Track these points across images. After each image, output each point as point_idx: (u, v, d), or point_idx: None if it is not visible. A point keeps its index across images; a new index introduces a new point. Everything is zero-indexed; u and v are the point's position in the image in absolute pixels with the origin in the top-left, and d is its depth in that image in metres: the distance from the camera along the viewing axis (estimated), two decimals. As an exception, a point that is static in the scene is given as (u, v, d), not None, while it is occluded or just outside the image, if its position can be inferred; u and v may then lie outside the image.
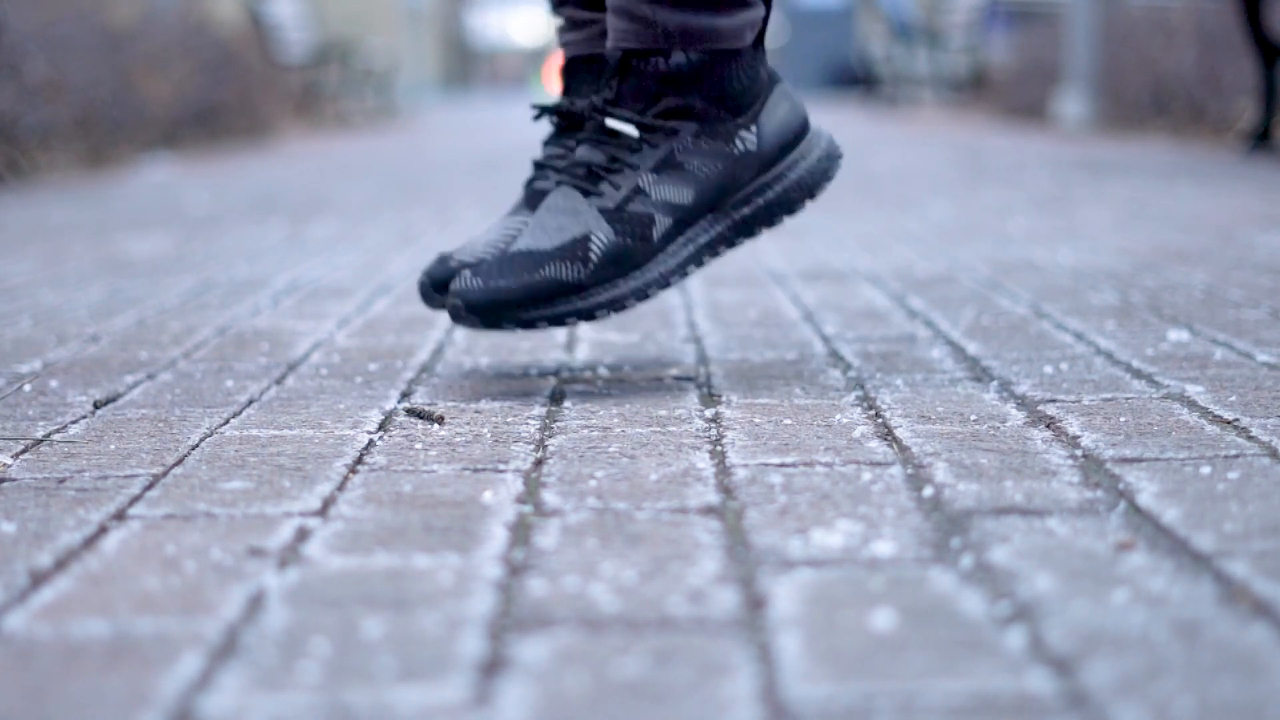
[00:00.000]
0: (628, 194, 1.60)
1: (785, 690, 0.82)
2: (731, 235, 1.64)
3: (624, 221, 1.60)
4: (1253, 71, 6.61)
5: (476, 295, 1.57)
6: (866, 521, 1.14)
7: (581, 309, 1.59)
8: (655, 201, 1.60)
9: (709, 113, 1.62)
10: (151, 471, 1.33)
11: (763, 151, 1.64)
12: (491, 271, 1.58)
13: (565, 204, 1.62)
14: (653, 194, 1.60)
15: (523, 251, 1.59)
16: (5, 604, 0.99)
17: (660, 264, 1.61)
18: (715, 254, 1.64)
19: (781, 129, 1.65)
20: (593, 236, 1.59)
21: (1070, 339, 1.95)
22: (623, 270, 1.60)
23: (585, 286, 1.58)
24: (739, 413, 1.54)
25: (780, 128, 1.65)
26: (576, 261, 1.58)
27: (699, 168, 1.61)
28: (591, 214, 1.60)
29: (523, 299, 1.57)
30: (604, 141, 1.63)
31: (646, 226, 1.60)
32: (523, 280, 1.57)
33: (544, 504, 1.21)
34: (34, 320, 2.31)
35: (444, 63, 33.26)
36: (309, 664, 0.87)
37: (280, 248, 3.40)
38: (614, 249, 1.59)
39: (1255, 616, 0.92)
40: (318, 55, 13.84)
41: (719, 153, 1.62)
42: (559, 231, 1.60)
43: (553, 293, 1.58)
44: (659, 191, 1.60)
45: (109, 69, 7.37)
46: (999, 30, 14.45)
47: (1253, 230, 3.36)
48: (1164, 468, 1.27)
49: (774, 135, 1.65)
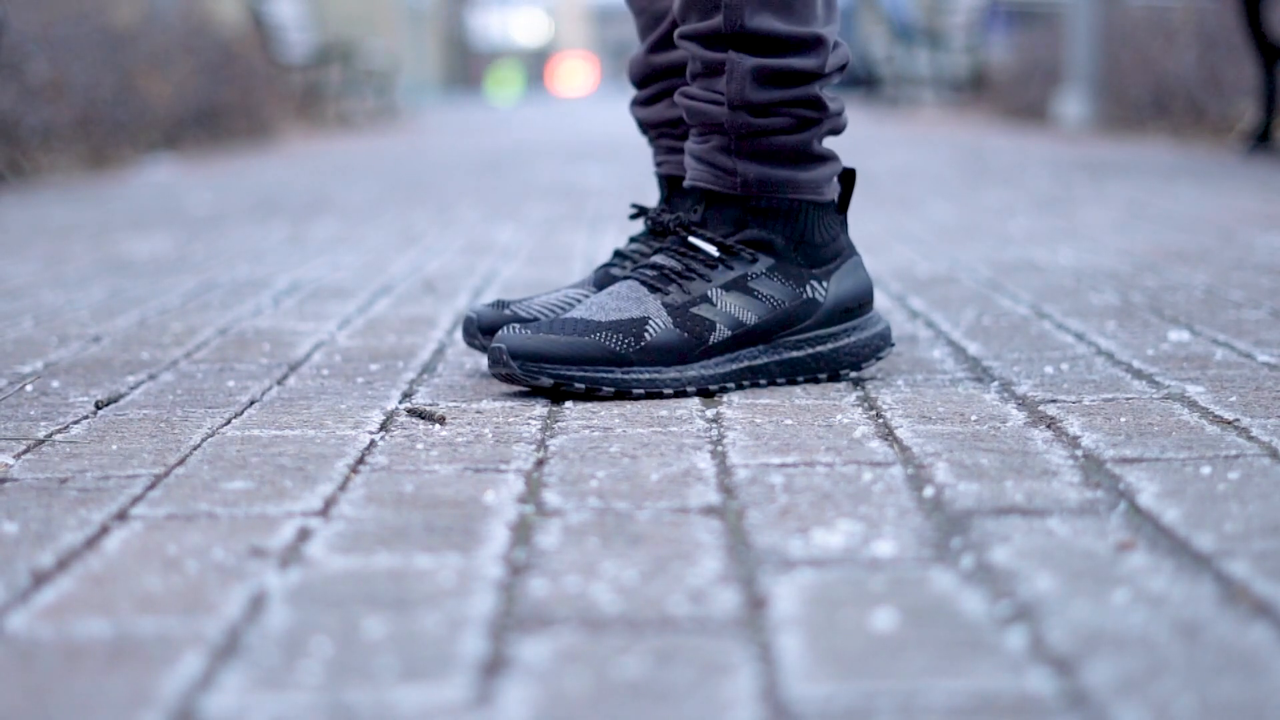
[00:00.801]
0: (695, 299, 1.66)
1: (786, 690, 0.83)
2: (774, 370, 1.68)
3: (685, 319, 1.64)
4: (1253, 72, 6.61)
5: (522, 343, 1.60)
6: (867, 521, 1.14)
7: (619, 380, 1.61)
8: (719, 312, 1.65)
9: (787, 253, 1.68)
10: (153, 471, 1.33)
11: (827, 307, 1.70)
12: (542, 327, 1.62)
13: (629, 292, 1.67)
14: (719, 305, 1.66)
15: (576, 318, 1.63)
16: (7, 604, 0.99)
17: (704, 367, 1.64)
18: (754, 381, 1.67)
19: (849, 295, 1.71)
20: (651, 320, 1.64)
21: (1071, 339, 1.95)
22: (668, 360, 1.63)
23: (630, 362, 1.61)
24: (740, 413, 1.54)
25: (848, 293, 1.71)
26: (629, 337, 1.62)
27: (767, 297, 1.67)
28: (655, 305, 1.65)
29: (566, 356, 1.60)
30: (683, 254, 1.69)
31: (705, 330, 1.64)
32: (572, 340, 1.61)
33: (545, 504, 1.21)
34: (36, 321, 2.31)
35: (445, 63, 33.26)
36: (310, 664, 0.87)
37: (282, 248, 3.40)
38: (667, 338, 1.63)
39: (1255, 616, 0.92)
40: (319, 56, 13.84)
41: (788, 292, 1.68)
42: (618, 311, 1.64)
43: (597, 359, 1.61)
44: (725, 305, 1.66)
45: (110, 69, 7.38)
46: (999, 31, 14.45)
47: (1253, 230, 3.36)
48: (1164, 468, 1.28)
49: (841, 297, 1.71)
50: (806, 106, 1.66)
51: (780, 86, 1.64)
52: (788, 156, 1.67)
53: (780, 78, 1.64)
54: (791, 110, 1.65)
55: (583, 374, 1.60)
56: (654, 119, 1.86)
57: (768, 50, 1.63)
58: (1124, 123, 8.97)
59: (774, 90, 1.64)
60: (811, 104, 1.66)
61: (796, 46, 1.64)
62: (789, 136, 1.66)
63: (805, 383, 1.69)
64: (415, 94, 22.40)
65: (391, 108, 15.52)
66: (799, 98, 1.65)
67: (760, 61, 1.63)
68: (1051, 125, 10.02)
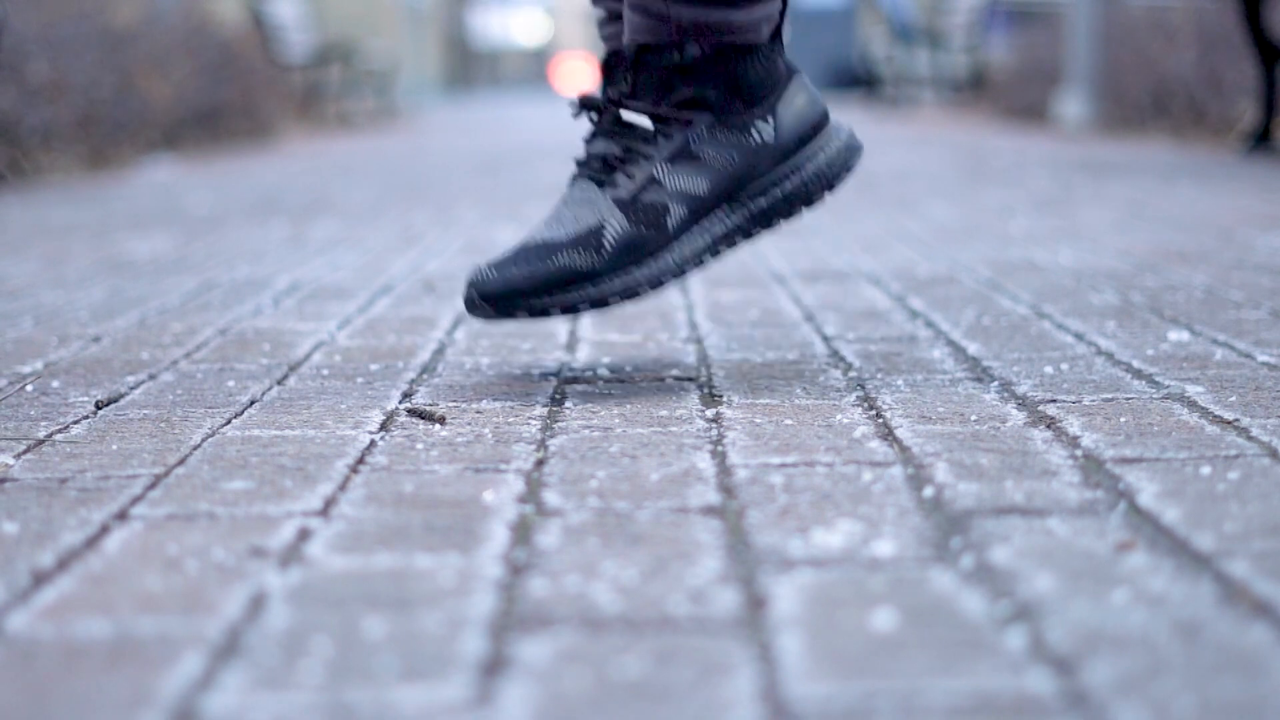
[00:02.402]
0: (642, 184, 1.61)
1: (786, 690, 0.83)
2: (748, 226, 1.64)
3: (638, 210, 1.60)
4: (1253, 72, 6.61)
5: (490, 284, 1.58)
6: (867, 521, 1.14)
7: (594, 296, 1.59)
8: (670, 191, 1.60)
9: (724, 104, 1.62)
10: (153, 471, 1.33)
11: (780, 143, 1.63)
12: (505, 262, 1.59)
13: (581, 195, 1.62)
14: (667, 184, 1.60)
15: (537, 242, 1.60)
16: (7, 604, 0.99)
17: (674, 252, 1.61)
18: (732, 244, 1.64)
19: (799, 121, 1.65)
20: (606, 225, 1.60)
21: (1071, 339, 1.95)
22: (636, 258, 1.60)
23: (599, 274, 1.59)
24: (740, 413, 1.54)
25: (798, 119, 1.65)
26: (590, 250, 1.59)
27: (714, 158, 1.61)
28: (606, 204, 1.61)
29: (536, 286, 1.57)
30: (620, 134, 1.63)
31: (661, 215, 1.60)
32: (536, 268, 1.58)
33: (545, 504, 1.21)
34: (36, 321, 2.31)
35: (445, 63, 33.26)
36: (311, 663, 0.87)
37: (282, 248, 3.40)
38: (627, 237, 1.59)
39: (1255, 616, 0.92)
40: (319, 56, 13.84)
41: (735, 143, 1.62)
42: (574, 222, 1.60)
43: (565, 280, 1.58)
44: (674, 181, 1.60)
45: (110, 70, 7.38)
46: (999, 31, 14.45)
47: (1253, 231, 3.36)
48: (1164, 468, 1.28)
49: (792, 127, 1.64)
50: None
51: None
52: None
53: None
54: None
55: (554, 300, 1.58)
56: None
57: None
58: (1124, 123, 8.97)
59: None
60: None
61: None
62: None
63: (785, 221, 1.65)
64: (415, 94, 22.40)
65: (391, 108, 15.52)
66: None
67: None
68: (1051, 125, 10.02)
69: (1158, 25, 9.22)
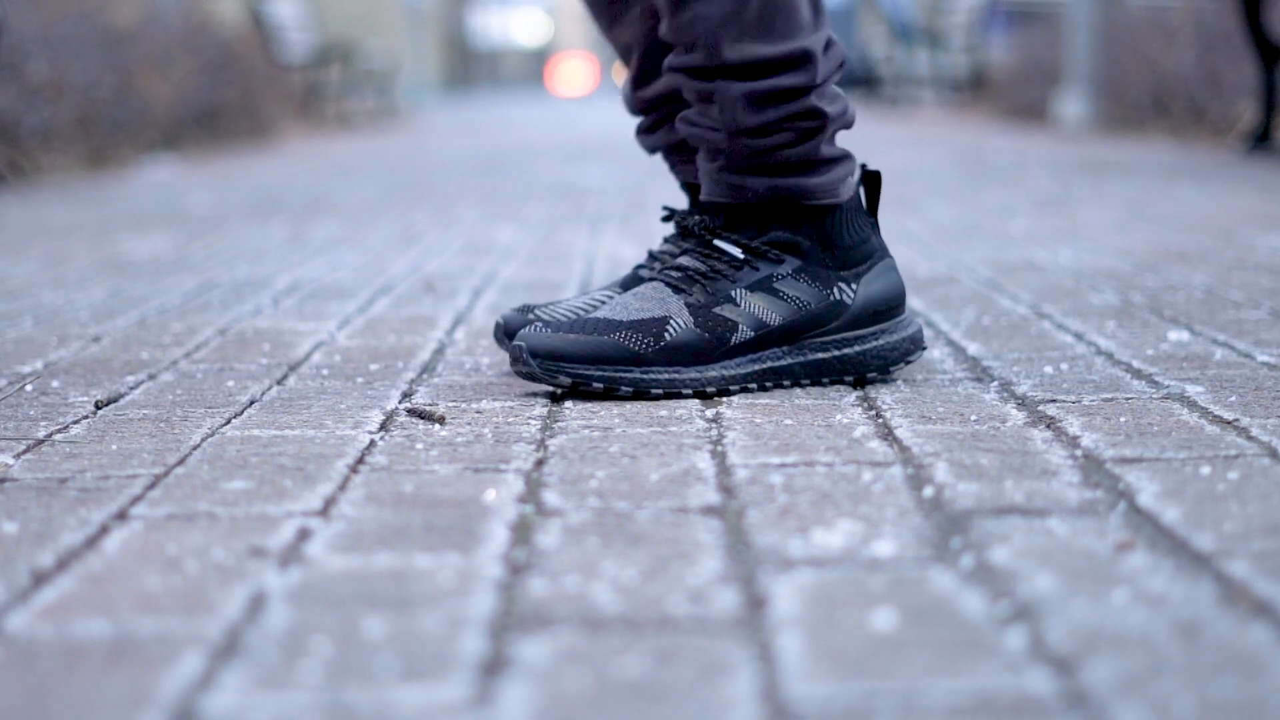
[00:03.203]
0: (718, 299, 1.64)
1: (786, 690, 0.83)
2: (798, 371, 1.66)
3: (707, 319, 1.63)
4: (1253, 72, 6.61)
5: (541, 342, 1.60)
6: (867, 521, 1.14)
7: (638, 380, 1.61)
8: (743, 312, 1.64)
9: (815, 255, 1.67)
10: (153, 471, 1.33)
11: (855, 309, 1.68)
12: (563, 327, 1.62)
13: (653, 293, 1.66)
14: (742, 305, 1.64)
15: (599, 318, 1.63)
16: (7, 604, 0.99)
17: (724, 368, 1.63)
18: (777, 381, 1.66)
19: (878, 298, 1.69)
20: (672, 320, 1.63)
21: (1071, 339, 1.95)
22: (688, 360, 1.62)
23: (649, 361, 1.61)
24: (740, 413, 1.54)
25: (877, 296, 1.69)
26: (648, 336, 1.61)
27: (792, 298, 1.66)
28: (677, 304, 1.64)
29: (584, 356, 1.60)
30: (708, 256, 1.68)
31: (728, 331, 1.63)
32: (591, 338, 1.61)
33: (545, 504, 1.21)
34: (36, 320, 2.31)
35: (445, 63, 33.26)
36: (310, 663, 0.87)
37: (281, 248, 3.40)
38: (687, 338, 1.62)
39: (1255, 616, 0.92)
40: (319, 56, 13.84)
41: (814, 293, 1.66)
42: (639, 311, 1.64)
43: (615, 358, 1.60)
44: (748, 304, 1.65)
45: (110, 69, 7.38)
46: (999, 31, 14.45)
47: (1253, 230, 3.36)
48: (1164, 468, 1.28)
49: (869, 300, 1.69)
50: (805, 119, 1.64)
51: (774, 105, 1.63)
52: (795, 168, 1.65)
53: (772, 98, 1.62)
54: (790, 125, 1.64)
55: (600, 373, 1.60)
56: (658, 145, 1.88)
57: (755, 74, 1.62)
58: (1124, 123, 8.97)
59: (768, 110, 1.63)
60: (809, 115, 1.64)
61: (783, 65, 1.62)
62: (793, 149, 1.64)
63: (832, 384, 1.67)
64: (415, 94, 22.40)
65: (391, 108, 15.52)
66: (795, 113, 1.63)
67: (749, 86, 1.62)
68: (1051, 125, 10.02)
69: (1158, 25, 9.22)
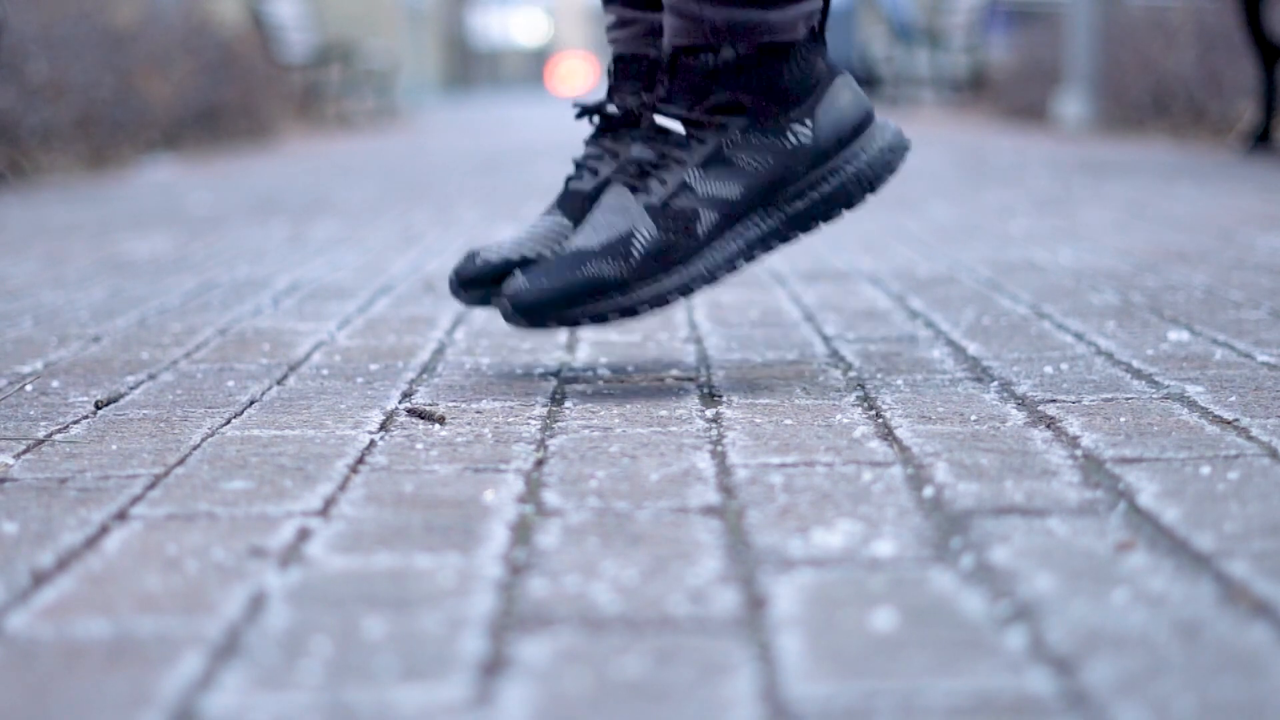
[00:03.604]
0: (673, 190, 1.60)
1: (786, 690, 0.83)
2: (785, 230, 1.62)
3: (667, 217, 1.59)
4: (1253, 72, 6.61)
5: (523, 295, 1.59)
6: (867, 521, 1.14)
7: (624, 305, 1.59)
8: (701, 196, 1.59)
9: (759, 107, 1.60)
10: (153, 471, 1.33)
11: (818, 145, 1.61)
12: (538, 272, 1.59)
13: (616, 202, 1.62)
14: (699, 189, 1.59)
15: (571, 251, 1.60)
16: (7, 604, 0.99)
17: (706, 259, 1.60)
18: (767, 248, 1.62)
19: (839, 122, 1.62)
20: (635, 233, 1.59)
21: (1071, 339, 1.95)
22: (666, 266, 1.59)
23: (627, 283, 1.58)
24: (740, 413, 1.54)
25: (838, 121, 1.62)
26: (618, 259, 1.58)
27: (748, 162, 1.60)
28: (637, 211, 1.60)
29: (566, 297, 1.58)
30: (655, 139, 1.63)
31: (691, 221, 1.59)
32: (565, 279, 1.58)
33: (545, 504, 1.21)
34: (36, 320, 2.31)
35: (445, 63, 33.26)
36: (310, 663, 0.87)
37: (281, 248, 3.40)
38: (656, 245, 1.59)
39: (1255, 616, 0.92)
40: (319, 56, 13.84)
41: (770, 147, 1.60)
42: (606, 229, 1.60)
43: (595, 290, 1.58)
44: (705, 187, 1.59)
45: (110, 69, 7.38)
46: (999, 30, 14.45)
47: (1253, 230, 3.36)
48: (1164, 468, 1.28)
49: (831, 128, 1.62)
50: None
51: None
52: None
53: None
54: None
55: (584, 310, 1.58)
56: None
57: None
58: (1124, 123, 8.97)
59: None
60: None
61: None
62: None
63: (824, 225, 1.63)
64: (415, 94, 22.39)
65: (391, 108, 15.52)
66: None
67: None
68: (1051, 125, 10.01)
69: (1158, 25, 9.22)
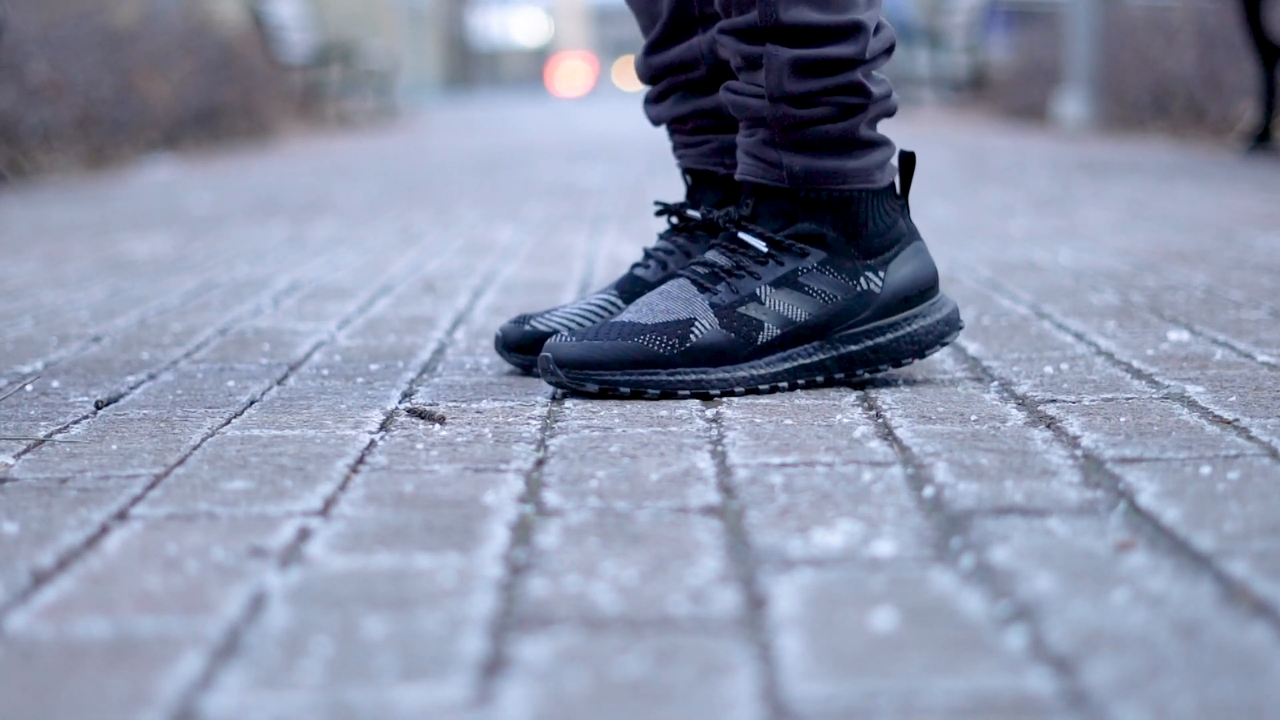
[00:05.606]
0: (743, 297, 1.64)
1: (786, 689, 0.83)
2: (831, 367, 1.65)
3: (733, 320, 1.63)
4: (1253, 72, 6.61)
5: (567, 352, 1.60)
6: (867, 521, 1.14)
7: (666, 382, 1.61)
8: (768, 310, 1.64)
9: (840, 246, 1.66)
10: (153, 471, 1.33)
11: (884, 297, 1.66)
12: (588, 334, 1.62)
13: (679, 292, 1.66)
14: (767, 303, 1.64)
15: (623, 322, 1.63)
16: (7, 604, 0.99)
17: (753, 368, 1.63)
18: (810, 378, 1.65)
19: (908, 283, 1.68)
20: (697, 322, 1.62)
21: (1071, 339, 1.95)
22: (716, 361, 1.62)
23: (674, 363, 1.61)
24: (740, 413, 1.54)
25: (907, 281, 1.67)
26: (673, 339, 1.61)
27: (819, 291, 1.65)
28: (701, 305, 1.64)
29: (611, 361, 1.60)
30: (733, 249, 1.67)
31: (754, 330, 1.63)
32: (615, 344, 1.60)
33: (545, 504, 1.21)
34: (36, 320, 2.31)
35: (445, 63, 33.26)
36: (310, 663, 0.87)
37: (282, 248, 3.41)
38: (713, 340, 1.62)
39: (1255, 616, 0.92)
40: (319, 56, 13.84)
41: (842, 285, 1.65)
42: (664, 313, 1.63)
43: (641, 361, 1.60)
44: (774, 302, 1.64)
45: (110, 69, 7.38)
46: (999, 30, 14.45)
47: (1253, 230, 3.36)
48: (1164, 468, 1.28)
49: (899, 286, 1.67)
50: (849, 94, 1.63)
51: (819, 76, 1.62)
52: (834, 145, 1.65)
53: (819, 67, 1.62)
54: (833, 99, 1.63)
55: (626, 378, 1.60)
56: (663, 116, 1.87)
57: (805, 41, 1.62)
58: (1124, 123, 8.97)
59: (813, 80, 1.62)
60: (854, 90, 1.63)
61: (834, 35, 1.62)
62: (833, 125, 1.64)
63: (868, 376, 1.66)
64: (415, 94, 22.40)
65: (391, 108, 15.52)
66: (840, 85, 1.63)
67: (797, 53, 1.62)
68: (1051, 125, 10.02)
69: (1158, 25, 9.22)
